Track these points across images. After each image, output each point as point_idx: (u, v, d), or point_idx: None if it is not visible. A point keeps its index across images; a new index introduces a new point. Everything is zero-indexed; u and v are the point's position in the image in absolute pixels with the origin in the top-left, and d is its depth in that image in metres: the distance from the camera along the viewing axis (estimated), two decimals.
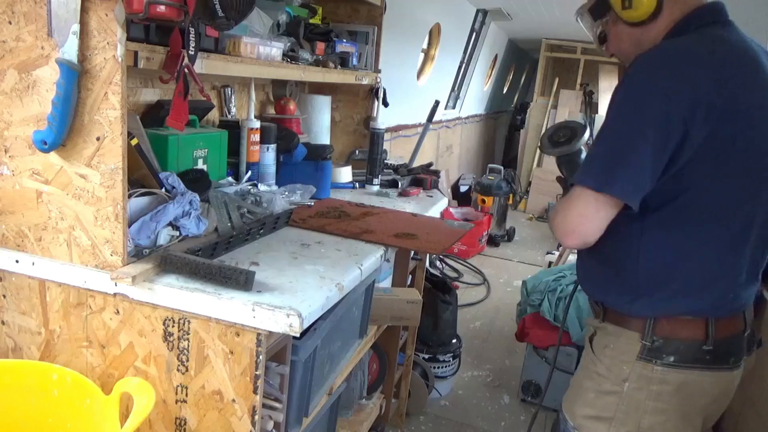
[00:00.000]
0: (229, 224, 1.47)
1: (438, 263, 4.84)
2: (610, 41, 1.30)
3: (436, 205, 2.29)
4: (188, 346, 1.20)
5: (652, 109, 1.05)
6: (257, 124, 1.86)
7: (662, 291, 1.15)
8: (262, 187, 1.79)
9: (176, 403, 1.24)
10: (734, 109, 1.05)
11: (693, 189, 1.09)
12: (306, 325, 1.14)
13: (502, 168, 6.39)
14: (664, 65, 1.07)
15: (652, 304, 1.16)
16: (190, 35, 1.17)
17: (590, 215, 1.10)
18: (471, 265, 5.05)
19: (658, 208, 1.12)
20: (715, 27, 1.15)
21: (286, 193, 1.77)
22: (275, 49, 1.64)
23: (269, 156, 1.93)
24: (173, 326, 1.20)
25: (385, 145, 2.62)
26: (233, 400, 1.20)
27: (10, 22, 1.14)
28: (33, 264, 1.26)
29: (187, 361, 1.21)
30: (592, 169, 1.11)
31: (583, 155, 1.38)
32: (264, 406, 1.27)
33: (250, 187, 1.74)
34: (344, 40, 2.18)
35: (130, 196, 1.25)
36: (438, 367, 2.90)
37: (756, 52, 1.14)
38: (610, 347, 1.22)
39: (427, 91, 5.04)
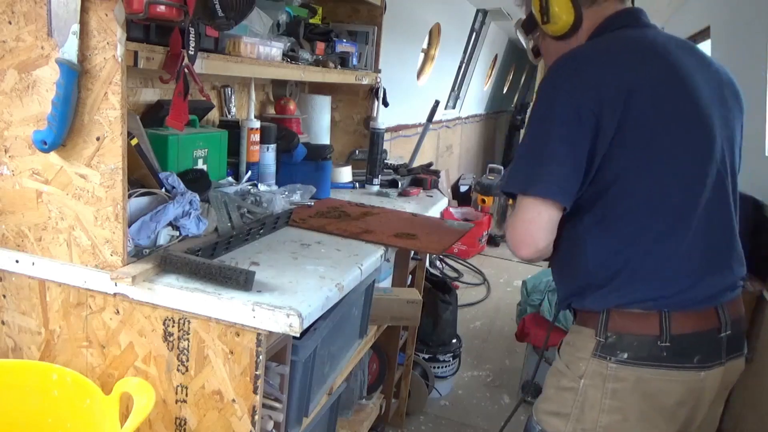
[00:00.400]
0: (229, 224, 1.47)
1: (438, 263, 4.84)
2: (543, 55, 1.37)
3: (436, 205, 2.29)
4: (188, 346, 1.20)
5: (560, 108, 1.10)
6: (257, 124, 1.86)
7: (610, 284, 1.15)
8: (262, 187, 1.79)
9: (176, 403, 1.24)
10: (638, 95, 1.09)
11: (619, 182, 1.11)
12: (306, 325, 1.14)
13: (502, 168, 6.37)
14: (567, 67, 1.14)
15: (603, 297, 1.16)
16: (190, 35, 1.17)
17: (534, 219, 1.12)
18: (471, 265, 5.05)
19: (593, 207, 1.14)
20: (627, 30, 1.21)
21: (286, 193, 1.77)
22: (275, 49, 1.64)
23: (269, 156, 1.93)
24: (173, 326, 1.20)
25: (385, 145, 2.62)
26: (233, 400, 1.20)
27: (10, 22, 1.14)
28: (33, 264, 1.26)
29: (187, 361, 1.21)
30: (517, 175, 1.15)
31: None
32: (264, 406, 1.27)
33: (250, 187, 1.74)
34: (344, 40, 2.18)
35: (130, 196, 1.25)
36: (438, 367, 2.90)
37: (664, 44, 1.18)
38: (569, 344, 1.23)
39: (427, 91, 5.04)
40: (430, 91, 5.13)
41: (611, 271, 1.15)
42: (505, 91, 9.24)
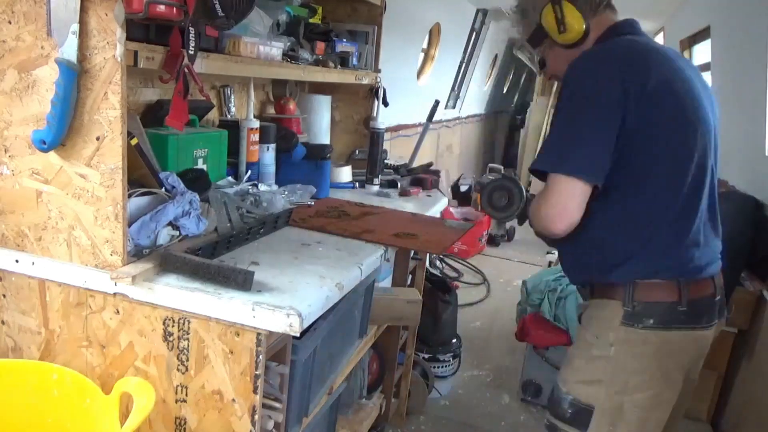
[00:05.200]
0: (228, 224, 1.47)
1: (438, 263, 4.83)
2: (549, 65, 1.49)
3: (436, 205, 2.29)
4: (188, 345, 1.20)
5: (592, 95, 1.23)
6: (257, 123, 1.86)
7: (633, 259, 1.28)
8: (262, 187, 1.79)
9: (176, 402, 1.24)
10: (658, 91, 1.23)
11: (641, 166, 1.25)
12: (306, 325, 1.14)
13: (502, 168, 6.37)
14: (592, 61, 1.28)
15: (627, 271, 1.29)
16: (190, 35, 1.17)
17: (571, 194, 1.24)
18: (471, 264, 5.05)
19: (614, 187, 1.26)
20: (630, 37, 1.37)
21: (286, 192, 1.77)
22: (275, 48, 1.63)
23: (269, 156, 1.93)
24: (173, 326, 1.20)
25: (385, 145, 2.62)
26: (233, 400, 1.20)
27: (9, 22, 1.14)
28: (33, 264, 1.26)
29: (187, 360, 1.21)
30: (551, 155, 1.28)
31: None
32: (264, 405, 1.27)
33: (249, 187, 1.74)
34: (344, 40, 2.18)
35: (129, 195, 1.25)
36: (438, 367, 2.90)
37: (665, 50, 1.36)
38: (596, 317, 1.35)
39: (427, 91, 5.04)
40: (430, 90, 5.13)
41: (634, 247, 1.28)
42: (505, 91, 9.24)
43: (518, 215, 1.54)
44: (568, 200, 1.24)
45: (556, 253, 3.96)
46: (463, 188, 6.37)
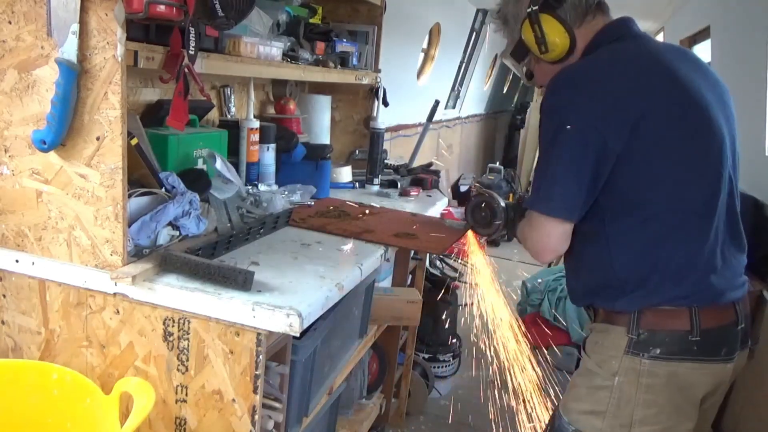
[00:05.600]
0: (228, 224, 1.47)
1: (438, 263, 4.83)
2: (537, 77, 1.40)
3: (436, 205, 2.29)
4: (188, 345, 1.20)
5: (564, 129, 1.15)
6: (257, 124, 1.86)
7: (640, 287, 1.19)
8: (261, 187, 1.79)
9: (176, 402, 1.24)
10: (645, 111, 1.13)
11: (639, 190, 1.17)
12: (306, 325, 1.14)
13: (502, 168, 6.35)
14: (567, 86, 1.19)
15: (633, 300, 1.20)
16: (190, 35, 1.17)
17: (551, 233, 1.22)
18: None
19: (616, 215, 1.19)
20: (620, 42, 1.25)
21: (286, 192, 1.77)
22: (275, 48, 1.63)
23: (269, 156, 1.93)
24: (173, 326, 1.20)
25: (385, 145, 2.62)
26: (233, 400, 1.20)
27: (9, 22, 1.14)
28: (33, 264, 1.26)
29: (187, 360, 1.21)
30: (537, 195, 1.23)
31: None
32: (264, 405, 1.27)
33: (249, 187, 1.74)
34: (344, 40, 2.18)
35: (130, 195, 1.25)
36: (438, 367, 2.90)
37: (659, 54, 1.23)
38: (599, 344, 1.26)
39: (427, 91, 5.04)
40: (430, 90, 5.12)
41: (640, 273, 1.19)
42: (505, 91, 9.23)
43: (505, 233, 1.53)
44: (548, 238, 1.22)
45: None
46: (463, 188, 6.34)
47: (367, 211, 1.92)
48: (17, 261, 1.27)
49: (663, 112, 1.15)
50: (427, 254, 2.96)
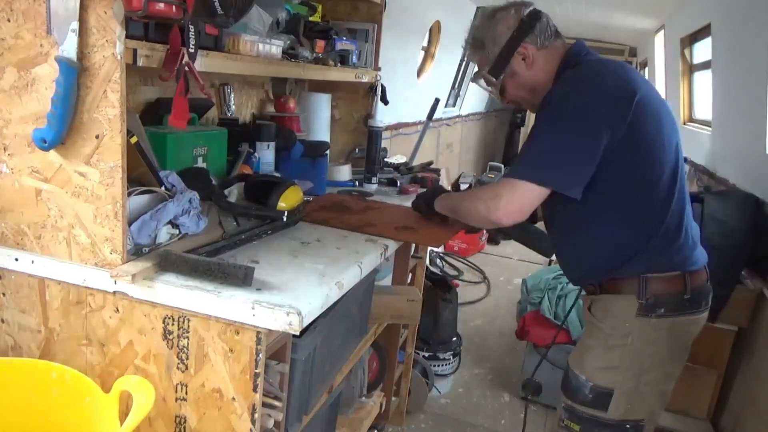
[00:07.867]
0: (234, 223, 1.47)
1: (438, 261, 4.84)
2: (508, 92, 1.56)
3: None
4: (188, 344, 1.20)
5: (577, 115, 1.34)
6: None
7: (638, 255, 1.40)
8: None
9: (176, 401, 1.24)
10: (640, 104, 1.34)
11: (631, 174, 1.37)
12: (306, 324, 1.14)
13: (502, 166, 6.38)
14: (582, 81, 1.39)
15: (637, 264, 1.41)
16: (190, 33, 1.16)
17: (532, 198, 1.35)
18: (471, 263, 5.05)
19: (613, 196, 1.39)
20: (590, 55, 1.48)
21: None
22: (275, 46, 1.63)
23: (268, 154, 1.94)
24: (173, 324, 1.20)
25: (385, 144, 2.62)
26: (233, 399, 1.20)
27: (8, 20, 1.14)
28: (32, 262, 1.26)
29: (187, 359, 1.21)
30: (534, 165, 1.36)
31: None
32: (264, 404, 1.27)
33: None
34: (344, 38, 2.18)
35: (129, 194, 1.25)
36: (438, 365, 2.90)
37: (627, 66, 1.48)
38: (610, 310, 1.46)
39: (427, 89, 5.04)
40: (431, 89, 5.12)
41: (638, 245, 1.40)
42: None
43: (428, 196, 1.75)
44: (527, 203, 1.35)
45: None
46: (464, 186, 6.37)
47: (368, 206, 1.93)
48: (17, 259, 1.27)
49: (647, 102, 1.36)
50: (427, 252, 2.97)
